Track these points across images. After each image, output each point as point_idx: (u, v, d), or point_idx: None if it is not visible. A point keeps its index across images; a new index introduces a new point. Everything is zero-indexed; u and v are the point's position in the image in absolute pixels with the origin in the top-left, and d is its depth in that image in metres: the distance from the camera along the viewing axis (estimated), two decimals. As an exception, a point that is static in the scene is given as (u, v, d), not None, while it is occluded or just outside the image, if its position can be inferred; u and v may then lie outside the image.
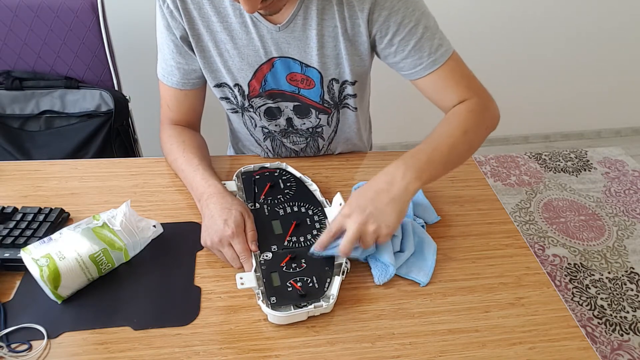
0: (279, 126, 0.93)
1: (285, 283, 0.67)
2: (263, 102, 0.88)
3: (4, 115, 1.16)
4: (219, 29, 0.78)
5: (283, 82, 0.85)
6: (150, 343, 0.61)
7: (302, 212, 0.79)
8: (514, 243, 0.80)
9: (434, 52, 0.78)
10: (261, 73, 0.83)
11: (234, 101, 0.89)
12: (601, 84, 2.24)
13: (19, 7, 1.09)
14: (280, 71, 0.83)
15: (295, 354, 0.61)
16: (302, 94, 0.87)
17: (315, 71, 0.83)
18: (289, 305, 0.64)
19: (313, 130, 0.93)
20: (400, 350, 0.62)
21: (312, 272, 0.69)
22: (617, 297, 1.63)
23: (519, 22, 1.94)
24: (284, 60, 0.81)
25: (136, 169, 0.89)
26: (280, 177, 0.86)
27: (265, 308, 0.63)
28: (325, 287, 0.67)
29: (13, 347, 0.59)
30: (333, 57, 0.81)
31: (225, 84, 0.85)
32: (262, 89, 0.85)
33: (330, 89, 0.86)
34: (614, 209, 2.00)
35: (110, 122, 1.20)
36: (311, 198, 0.82)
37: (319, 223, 0.77)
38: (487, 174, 2.17)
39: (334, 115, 0.92)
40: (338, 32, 0.78)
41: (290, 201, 0.81)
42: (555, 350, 0.64)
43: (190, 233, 0.76)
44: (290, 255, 0.71)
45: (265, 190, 0.82)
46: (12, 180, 0.84)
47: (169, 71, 0.83)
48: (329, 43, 0.79)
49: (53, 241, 0.64)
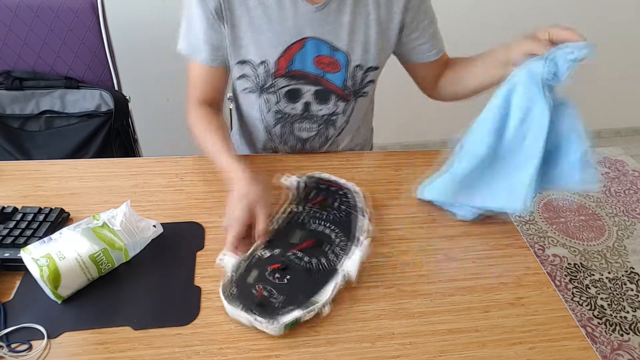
0: (295, 110, 0.93)
1: (256, 285, 0.66)
2: (287, 83, 0.89)
3: (4, 115, 1.16)
4: (254, 4, 0.80)
5: (310, 64, 0.86)
6: (150, 343, 0.61)
7: (329, 237, 0.74)
8: (514, 243, 0.80)
9: (441, 39, 0.94)
10: (290, 52, 0.84)
11: (255, 80, 0.89)
12: (601, 84, 2.24)
13: (19, 7, 1.09)
14: (309, 52, 0.85)
15: (295, 354, 0.61)
16: (327, 78, 0.89)
17: (343, 55, 0.86)
18: (239, 303, 0.63)
19: (328, 117, 0.95)
20: (400, 350, 0.62)
21: (285, 292, 0.65)
22: (617, 297, 1.63)
23: (519, 22, 1.94)
24: (315, 41, 0.84)
25: (136, 169, 0.89)
26: (338, 197, 0.82)
27: (221, 292, 0.63)
28: (282, 312, 0.63)
29: (13, 347, 0.59)
30: (361, 42, 0.85)
31: (249, 61, 0.86)
32: (288, 68, 0.87)
33: (354, 76, 0.90)
34: (614, 209, 2.00)
35: (110, 122, 1.20)
36: (348, 232, 0.76)
37: (331, 256, 0.71)
38: (487, 174, 2.16)
39: (351, 104, 0.95)
40: (370, 18, 0.83)
41: (327, 222, 0.77)
42: (555, 350, 0.64)
43: (190, 233, 0.76)
44: (281, 265, 0.69)
45: (317, 201, 0.80)
46: (12, 180, 0.84)
47: (198, 46, 0.85)
48: (360, 29, 0.84)
49: (53, 241, 0.64)
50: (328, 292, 0.66)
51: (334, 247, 0.73)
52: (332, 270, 0.69)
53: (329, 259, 0.71)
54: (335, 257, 0.71)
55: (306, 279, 0.67)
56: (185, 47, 0.86)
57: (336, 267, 0.69)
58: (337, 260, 0.71)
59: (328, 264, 0.70)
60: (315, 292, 0.66)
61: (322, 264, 0.70)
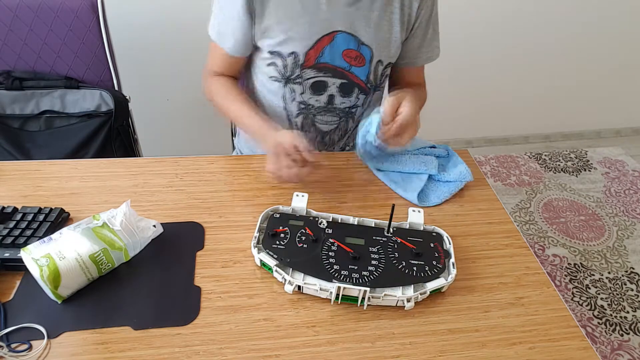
0: (319, 102, 0.95)
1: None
2: (314, 75, 0.91)
3: (4, 115, 1.16)
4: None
5: (338, 56, 0.89)
6: (150, 343, 0.61)
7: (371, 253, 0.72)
8: (514, 243, 0.80)
9: (432, 49, 0.96)
10: (321, 44, 0.86)
11: (282, 70, 0.91)
12: (601, 84, 2.24)
13: (19, 7, 1.09)
14: (339, 45, 0.87)
15: (295, 354, 0.61)
16: (352, 72, 0.91)
17: (368, 50, 0.89)
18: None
19: (348, 110, 0.98)
20: (400, 350, 0.62)
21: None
22: (617, 297, 1.63)
23: (519, 22, 1.94)
24: (346, 35, 0.86)
25: (136, 169, 0.89)
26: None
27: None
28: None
29: (13, 347, 0.59)
30: (385, 39, 0.88)
31: (279, 52, 0.88)
32: (317, 60, 0.88)
33: (376, 70, 0.93)
34: (614, 209, 2.00)
35: (110, 122, 1.20)
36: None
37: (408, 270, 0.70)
38: (487, 174, 2.17)
39: (369, 97, 0.98)
40: (396, 17, 0.87)
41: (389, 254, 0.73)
42: (555, 350, 0.64)
43: (190, 233, 0.76)
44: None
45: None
46: (12, 180, 0.84)
47: (225, 34, 0.88)
48: (385, 26, 0.87)
49: (53, 241, 0.64)
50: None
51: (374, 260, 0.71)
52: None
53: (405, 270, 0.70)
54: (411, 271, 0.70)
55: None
56: (213, 33, 0.90)
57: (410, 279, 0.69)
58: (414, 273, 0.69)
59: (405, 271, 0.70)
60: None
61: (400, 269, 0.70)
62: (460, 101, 2.13)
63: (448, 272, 0.70)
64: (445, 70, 2.01)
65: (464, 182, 0.88)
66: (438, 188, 0.89)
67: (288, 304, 0.67)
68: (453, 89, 2.06)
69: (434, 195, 0.87)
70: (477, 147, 2.35)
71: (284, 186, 0.85)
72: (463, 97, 2.12)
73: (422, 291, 0.67)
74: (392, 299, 0.66)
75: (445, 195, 0.87)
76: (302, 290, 0.68)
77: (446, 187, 0.88)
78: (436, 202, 0.86)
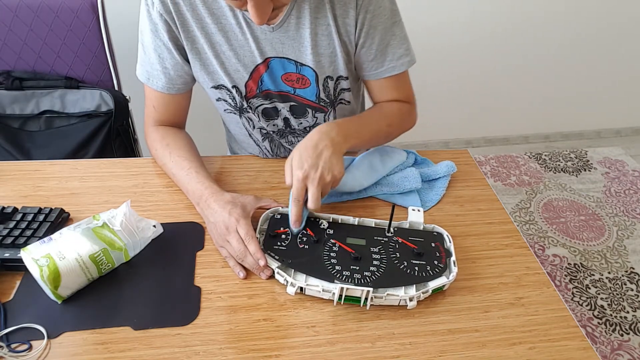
0: (277, 126, 0.93)
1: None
2: (260, 103, 0.88)
3: (4, 115, 1.16)
4: (214, 31, 0.78)
5: (279, 82, 0.85)
6: (150, 343, 0.61)
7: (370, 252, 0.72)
8: (514, 243, 0.80)
9: (395, 59, 0.85)
10: (257, 73, 0.83)
11: (232, 103, 0.89)
12: (601, 84, 2.24)
13: (19, 7, 1.09)
14: (276, 71, 0.83)
15: (295, 354, 0.61)
16: (298, 94, 0.87)
17: (310, 70, 0.83)
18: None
19: (310, 129, 0.93)
20: (400, 350, 0.62)
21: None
22: (617, 297, 1.63)
23: (519, 23, 1.94)
24: (279, 60, 0.82)
25: (136, 169, 0.89)
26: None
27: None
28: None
29: (13, 347, 0.59)
30: (327, 55, 0.82)
31: (223, 85, 0.85)
32: (258, 89, 0.85)
33: (326, 87, 0.87)
34: (614, 209, 2.00)
35: (110, 122, 1.20)
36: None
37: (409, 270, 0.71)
38: (487, 174, 2.17)
39: (331, 114, 0.93)
40: (332, 30, 0.79)
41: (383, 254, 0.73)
42: (555, 350, 0.64)
43: (190, 233, 0.76)
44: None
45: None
46: (12, 180, 0.84)
47: (155, 75, 0.83)
48: (323, 41, 0.80)
49: (53, 241, 0.64)
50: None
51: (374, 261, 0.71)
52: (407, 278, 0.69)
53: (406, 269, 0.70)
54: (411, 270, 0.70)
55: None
56: (142, 74, 0.84)
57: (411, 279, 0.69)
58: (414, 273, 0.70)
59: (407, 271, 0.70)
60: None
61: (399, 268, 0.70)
62: (460, 101, 2.13)
63: (449, 271, 0.70)
64: (445, 71, 2.01)
65: (450, 172, 0.90)
66: (433, 185, 0.90)
67: (288, 304, 0.67)
68: (453, 89, 2.06)
69: (432, 193, 0.88)
70: (477, 147, 2.35)
71: (284, 187, 0.85)
72: (463, 97, 2.12)
73: (424, 290, 0.67)
74: (394, 299, 0.66)
75: (441, 190, 0.88)
76: (305, 292, 0.68)
77: (440, 182, 0.90)
78: (436, 199, 0.86)
